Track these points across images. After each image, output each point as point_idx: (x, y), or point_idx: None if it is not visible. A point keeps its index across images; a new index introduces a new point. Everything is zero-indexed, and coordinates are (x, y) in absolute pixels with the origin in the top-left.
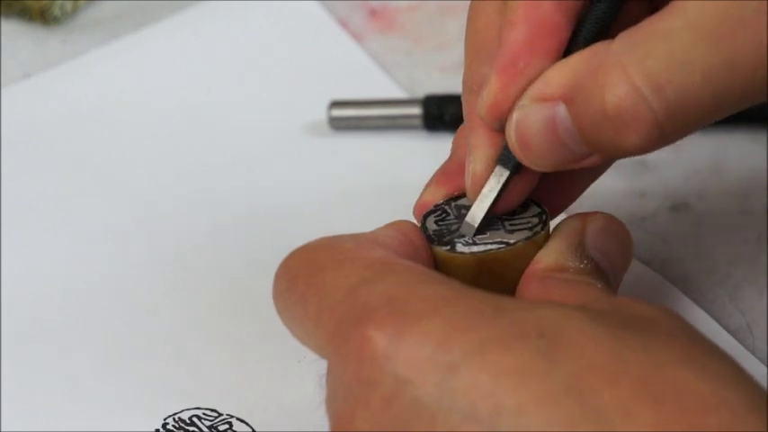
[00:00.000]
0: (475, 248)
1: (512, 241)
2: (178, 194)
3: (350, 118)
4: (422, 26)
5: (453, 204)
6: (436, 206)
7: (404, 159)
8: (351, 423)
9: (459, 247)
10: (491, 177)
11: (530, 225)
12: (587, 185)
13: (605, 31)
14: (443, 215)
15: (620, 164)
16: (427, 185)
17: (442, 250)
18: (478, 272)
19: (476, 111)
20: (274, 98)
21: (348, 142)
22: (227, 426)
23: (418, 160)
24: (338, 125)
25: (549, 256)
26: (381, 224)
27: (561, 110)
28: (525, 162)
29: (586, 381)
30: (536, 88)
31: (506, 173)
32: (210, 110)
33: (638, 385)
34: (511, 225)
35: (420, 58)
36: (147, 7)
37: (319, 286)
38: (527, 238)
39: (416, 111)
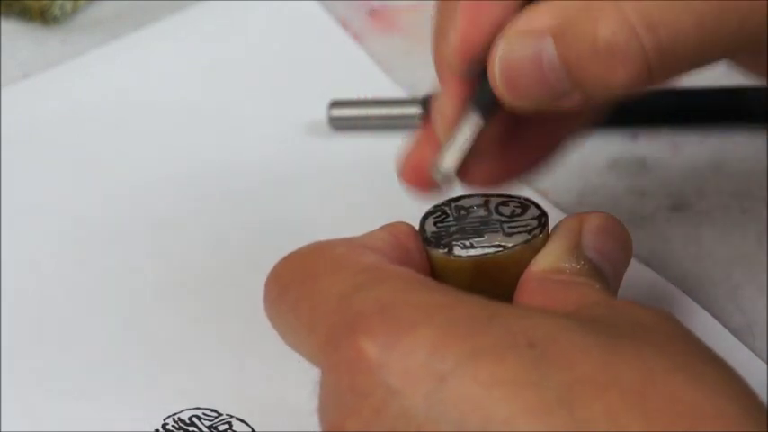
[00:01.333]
0: (472, 252)
1: (510, 245)
2: (177, 194)
3: (350, 118)
4: (422, 26)
5: (453, 205)
6: (435, 207)
7: None
8: (341, 431)
9: (457, 251)
10: (463, 121)
11: (529, 228)
12: (561, 142)
13: None
14: (442, 216)
15: (619, 164)
16: (409, 146)
17: (439, 253)
18: (476, 276)
19: (444, 57)
20: (274, 98)
21: (348, 142)
22: (226, 426)
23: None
24: (338, 125)
25: (545, 258)
26: (381, 224)
27: (549, 44)
28: (506, 99)
29: (576, 391)
30: (524, 22)
31: (479, 117)
32: (210, 110)
33: (629, 395)
34: (509, 228)
35: (420, 58)
36: (147, 7)
37: (311, 293)
38: (525, 242)
39: (416, 111)
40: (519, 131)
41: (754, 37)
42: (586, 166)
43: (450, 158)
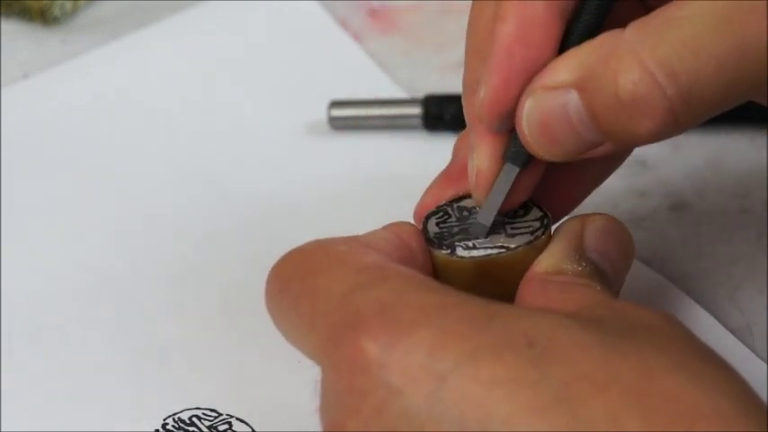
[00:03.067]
0: (475, 253)
1: (512, 246)
2: (178, 194)
3: (350, 118)
4: (422, 26)
5: (455, 206)
6: (438, 207)
7: (404, 159)
8: (342, 430)
9: (459, 252)
10: (500, 175)
11: (531, 229)
12: (593, 187)
13: (599, 27)
14: (445, 217)
15: None
16: (428, 189)
17: (441, 254)
18: (478, 276)
19: (476, 112)
20: (274, 98)
21: (348, 142)
22: (226, 426)
23: (418, 160)
24: (338, 125)
25: (547, 259)
26: (381, 224)
27: (573, 97)
28: (537, 152)
29: (576, 390)
30: (546, 77)
31: (516, 169)
32: (210, 110)
33: (628, 394)
34: (512, 229)
35: (420, 58)
36: (147, 7)
37: (312, 291)
38: (528, 243)
39: (416, 111)
40: (552, 183)
41: None
42: None
43: (489, 213)
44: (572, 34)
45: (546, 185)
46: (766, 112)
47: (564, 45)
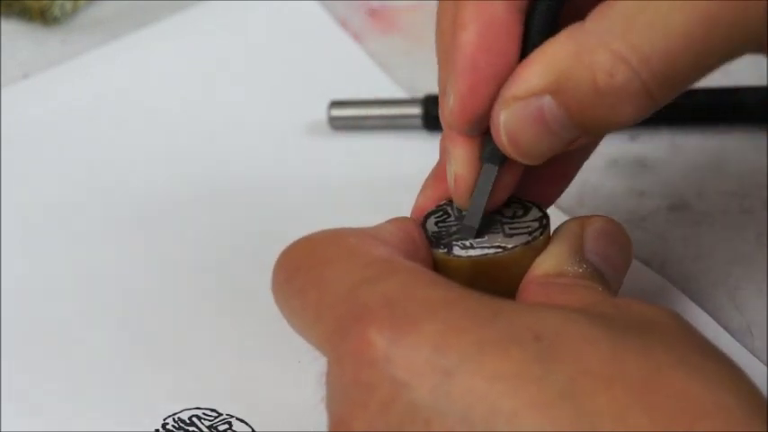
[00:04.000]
0: (472, 252)
1: (509, 246)
2: (178, 194)
3: (350, 118)
4: (422, 26)
5: (455, 205)
6: (438, 206)
7: (404, 159)
8: (349, 425)
9: (457, 251)
10: (480, 176)
11: (529, 229)
12: (576, 170)
13: (556, 21)
14: (444, 216)
15: (619, 163)
16: (421, 190)
17: (439, 253)
18: (475, 276)
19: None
20: (274, 98)
21: (348, 142)
22: (226, 426)
23: (418, 160)
24: (338, 125)
25: (547, 261)
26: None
27: (547, 101)
28: (517, 158)
29: (581, 385)
30: (517, 86)
31: (494, 168)
32: (210, 110)
33: (634, 390)
34: (510, 229)
35: (420, 58)
36: (147, 7)
37: (320, 280)
38: (525, 243)
39: (416, 111)
40: (535, 172)
41: (745, 43)
42: (586, 166)
43: (474, 215)
44: (532, 29)
45: (528, 180)
46: (766, 111)
47: (526, 42)
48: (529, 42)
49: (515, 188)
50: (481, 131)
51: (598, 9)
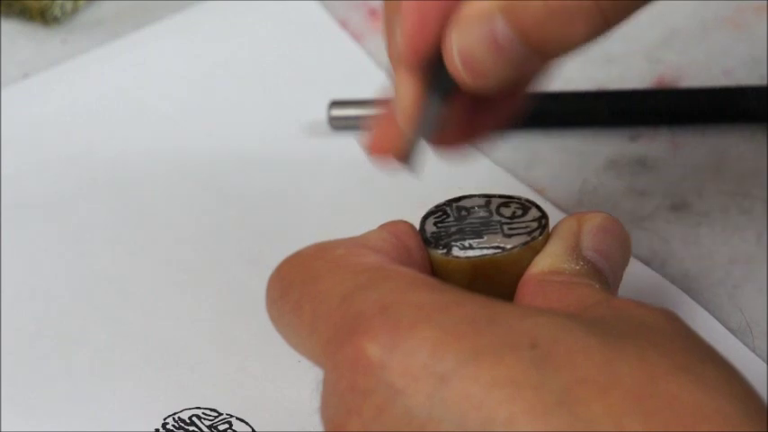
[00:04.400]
0: (471, 253)
1: (508, 246)
2: (178, 194)
3: (350, 118)
4: None
5: (454, 206)
6: (437, 207)
7: None
8: (343, 431)
9: (456, 251)
10: (425, 106)
11: (528, 229)
12: (523, 96)
13: None
14: (443, 217)
15: (619, 164)
16: (376, 126)
17: (437, 254)
18: (474, 276)
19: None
20: (274, 98)
21: (348, 142)
22: (227, 426)
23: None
24: (338, 125)
25: (545, 259)
26: (380, 223)
27: (499, 22)
28: (470, 84)
29: (577, 392)
30: (470, 8)
31: (439, 100)
32: (210, 110)
33: (630, 396)
34: (509, 229)
35: None
36: (147, 7)
37: (313, 294)
38: (524, 244)
39: None
40: (477, 104)
41: None
42: (586, 165)
43: (419, 145)
44: None
45: (468, 114)
46: (766, 111)
47: None
48: None
49: (462, 121)
50: (428, 65)
51: None
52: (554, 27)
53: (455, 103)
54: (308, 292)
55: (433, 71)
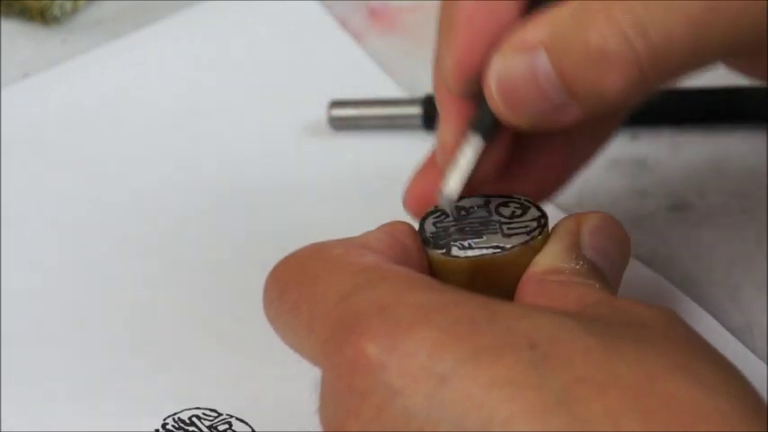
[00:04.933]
0: (470, 253)
1: (508, 246)
2: (178, 194)
3: (350, 118)
4: (422, 26)
5: (453, 205)
6: (436, 207)
7: (404, 159)
8: (342, 431)
9: (455, 251)
10: (464, 146)
11: (528, 229)
12: (573, 170)
13: None
14: (443, 216)
15: (619, 163)
16: (413, 176)
17: (437, 254)
18: (473, 276)
19: (442, 81)
20: (274, 98)
21: (348, 142)
22: (226, 426)
23: (418, 160)
24: (338, 125)
25: (544, 259)
26: (381, 224)
27: (542, 56)
28: (505, 115)
29: (576, 392)
30: (515, 37)
31: (480, 138)
32: (210, 110)
33: (628, 396)
34: (509, 229)
35: (420, 58)
36: (147, 7)
37: (310, 294)
38: (524, 243)
39: (416, 111)
40: (524, 154)
41: (746, 38)
42: None
43: (453, 183)
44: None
45: (525, 168)
46: (766, 111)
47: (531, 6)
48: (535, 4)
49: (501, 167)
50: (475, 97)
51: None
52: (591, 72)
53: (496, 150)
54: (306, 292)
55: (478, 107)
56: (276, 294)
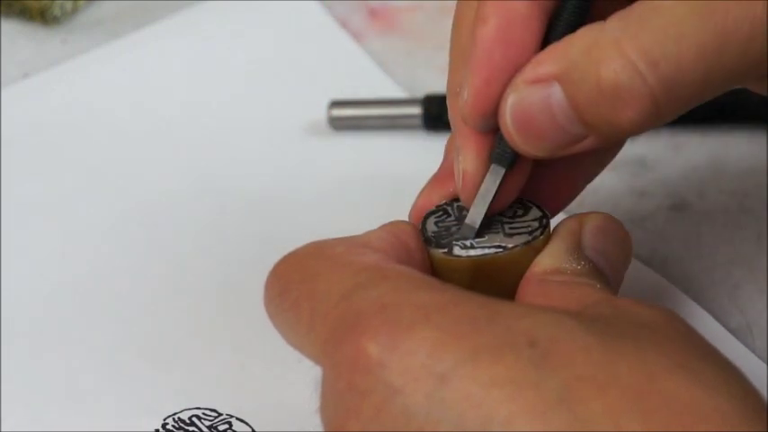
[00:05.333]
0: (472, 252)
1: (510, 245)
2: (178, 194)
3: (350, 118)
4: (422, 26)
5: (455, 205)
6: (438, 207)
7: (404, 159)
8: (342, 430)
9: (457, 251)
10: (487, 176)
11: (530, 229)
12: (583, 186)
13: (581, 24)
14: (444, 216)
15: (619, 163)
16: (421, 191)
17: (438, 253)
18: (475, 276)
19: (459, 113)
20: (274, 98)
21: (348, 142)
22: (226, 426)
23: (418, 160)
24: (338, 125)
25: (545, 259)
26: (381, 224)
27: (556, 90)
28: (521, 148)
29: (576, 391)
30: (529, 71)
31: (502, 169)
32: (210, 110)
33: (628, 395)
34: (510, 228)
35: (420, 58)
36: (147, 7)
37: (312, 292)
38: (525, 243)
39: (416, 111)
40: (542, 175)
41: (757, 63)
42: None
43: (477, 215)
44: (553, 31)
45: (536, 185)
46: (766, 111)
47: (545, 42)
48: (549, 40)
49: (521, 192)
50: (493, 128)
51: (621, 10)
52: (605, 107)
53: (516, 176)
54: (307, 290)
55: (497, 137)
56: (277, 292)
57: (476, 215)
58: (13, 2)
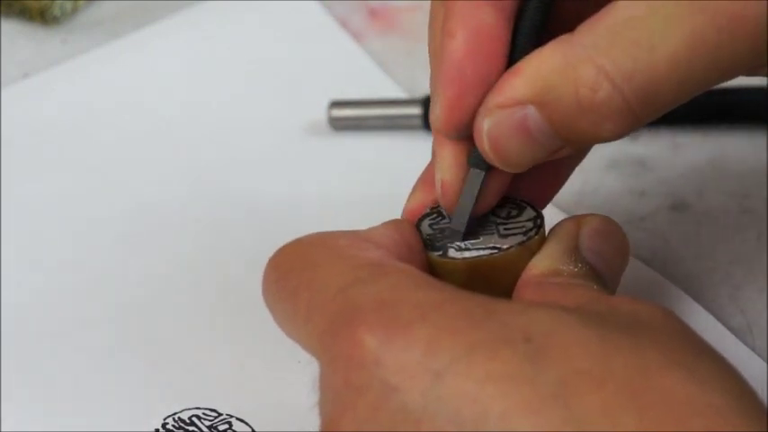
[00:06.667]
0: (467, 254)
1: (504, 246)
2: (178, 194)
3: (350, 118)
4: (422, 26)
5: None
6: (432, 209)
7: (404, 159)
8: (338, 426)
9: (452, 253)
10: (467, 180)
11: (524, 229)
12: (569, 173)
13: (544, 27)
14: (438, 218)
15: (619, 164)
16: (411, 193)
17: (433, 255)
18: (471, 277)
19: (432, 125)
20: (274, 98)
21: (348, 142)
22: (226, 426)
23: (418, 160)
24: (338, 125)
25: (543, 261)
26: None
27: (531, 111)
28: (500, 166)
29: (571, 386)
30: (502, 94)
31: (481, 174)
32: (210, 110)
33: (624, 390)
34: (505, 229)
35: (420, 58)
36: (147, 7)
37: (311, 282)
38: (520, 243)
39: (416, 111)
40: (526, 175)
41: (728, 69)
42: (586, 165)
43: (461, 219)
44: (519, 36)
45: (520, 182)
46: (766, 111)
47: (513, 49)
48: (516, 49)
49: (505, 192)
50: (468, 136)
51: (588, 22)
52: (585, 123)
53: (496, 175)
54: (306, 280)
55: (473, 144)
56: (275, 279)
57: (460, 219)
58: (13, 2)
